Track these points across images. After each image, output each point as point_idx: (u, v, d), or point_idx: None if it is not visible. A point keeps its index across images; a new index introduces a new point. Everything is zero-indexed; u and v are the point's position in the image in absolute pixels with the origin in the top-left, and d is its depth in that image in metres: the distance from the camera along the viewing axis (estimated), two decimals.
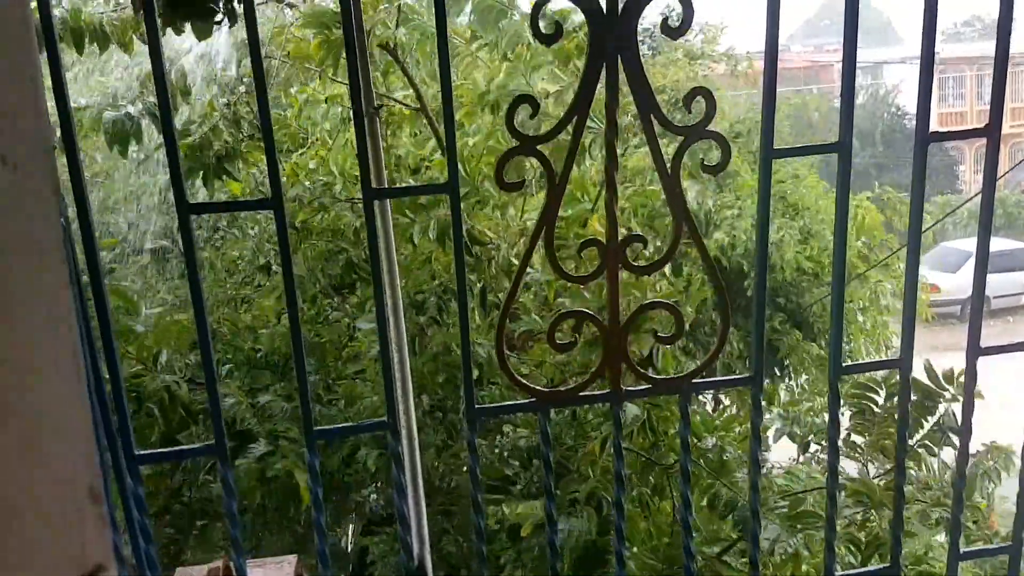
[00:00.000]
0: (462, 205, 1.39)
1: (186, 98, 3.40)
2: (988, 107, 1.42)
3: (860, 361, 5.32)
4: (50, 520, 0.56)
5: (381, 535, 4.17)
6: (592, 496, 3.44)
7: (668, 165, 1.29)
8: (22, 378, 0.55)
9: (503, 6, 3.47)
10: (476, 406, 1.38)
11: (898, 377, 1.50)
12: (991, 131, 1.41)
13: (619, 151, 1.34)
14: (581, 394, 1.43)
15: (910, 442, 3.43)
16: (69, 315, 0.59)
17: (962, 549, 1.61)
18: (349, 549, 4.87)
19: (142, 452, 1.30)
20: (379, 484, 4.42)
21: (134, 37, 2.73)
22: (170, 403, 3.17)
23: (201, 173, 3.47)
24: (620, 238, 1.34)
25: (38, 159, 0.56)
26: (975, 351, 1.50)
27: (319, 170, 4.16)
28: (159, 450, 1.41)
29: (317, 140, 4.49)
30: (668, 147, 1.32)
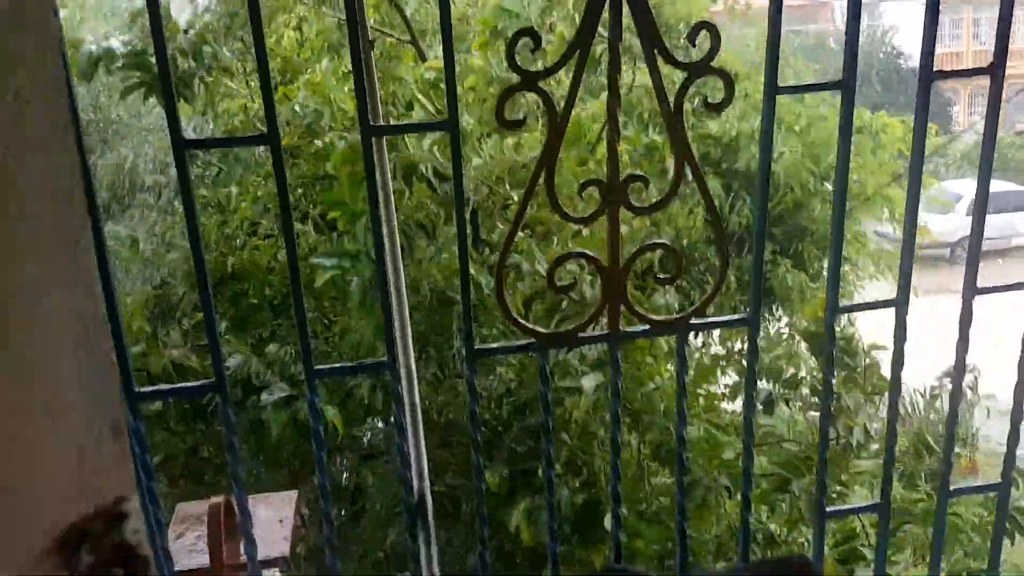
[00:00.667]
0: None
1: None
2: (984, 48, 1.40)
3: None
4: (73, 454, 0.57)
5: (376, 469, 4.24)
6: (571, 462, 3.51)
7: (671, 101, 1.27)
8: (44, 313, 0.55)
9: None
10: (475, 347, 1.39)
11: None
12: (995, 70, 1.39)
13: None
14: (581, 335, 1.44)
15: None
16: (89, 251, 0.59)
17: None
18: (344, 484, 4.96)
19: (142, 389, 1.30)
20: (374, 419, 4.47)
21: None
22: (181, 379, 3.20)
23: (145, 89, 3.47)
24: (621, 177, 1.33)
25: (54, 94, 0.55)
26: (972, 290, 1.51)
27: (309, 101, 4.09)
28: (159, 387, 1.42)
29: (305, 69, 4.41)
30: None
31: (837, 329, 1.66)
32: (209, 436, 4.20)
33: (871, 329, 3.45)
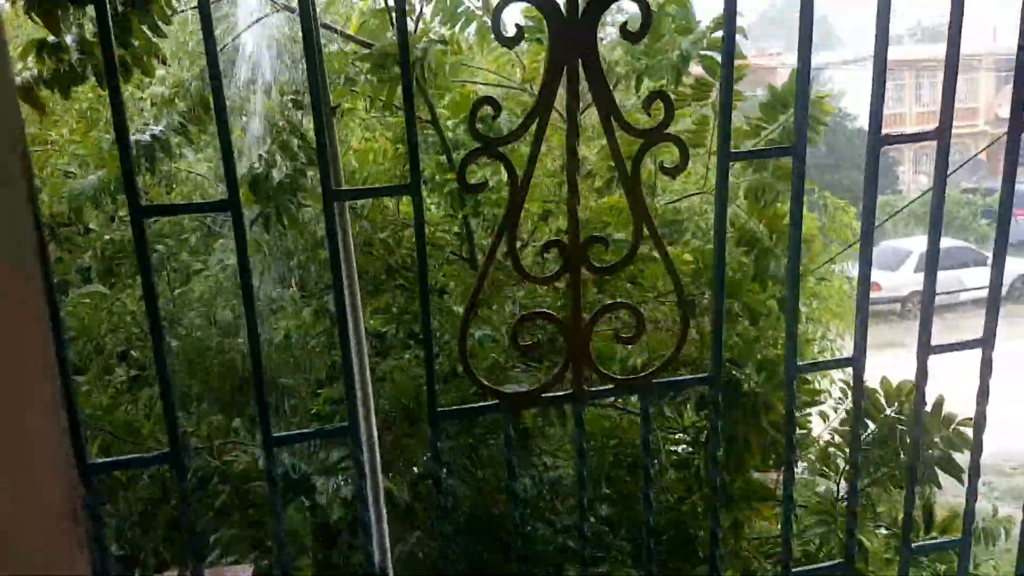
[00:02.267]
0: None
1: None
2: (927, 109, 1.47)
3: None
4: (32, 543, 0.54)
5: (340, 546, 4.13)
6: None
7: (628, 168, 1.30)
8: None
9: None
10: (438, 409, 1.38)
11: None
12: (942, 133, 1.44)
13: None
14: (544, 395, 1.43)
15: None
16: (46, 330, 0.57)
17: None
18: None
19: (94, 462, 1.26)
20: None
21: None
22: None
23: None
24: (582, 239, 1.34)
25: (9, 165, 0.54)
26: (926, 349, 1.54)
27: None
28: (111, 459, 1.37)
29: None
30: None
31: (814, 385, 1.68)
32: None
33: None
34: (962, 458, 3.22)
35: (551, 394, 1.43)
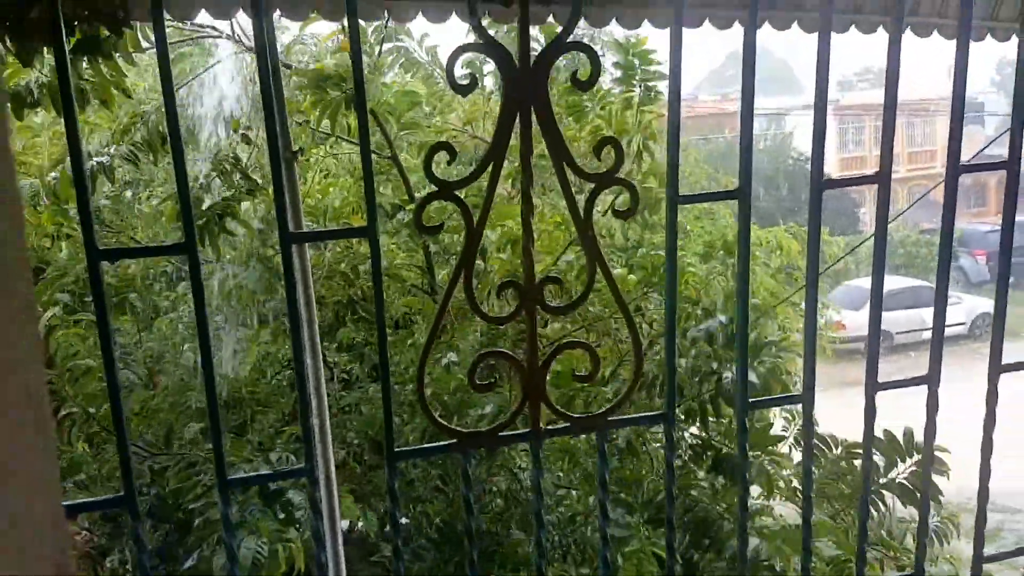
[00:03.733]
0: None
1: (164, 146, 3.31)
2: None
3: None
4: None
5: None
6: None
7: (581, 211, 1.34)
8: None
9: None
10: (396, 449, 1.39)
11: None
12: (882, 177, 1.50)
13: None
14: (501, 434, 1.45)
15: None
16: (37, 375, 0.56)
17: None
18: None
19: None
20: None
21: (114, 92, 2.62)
22: None
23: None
24: (536, 280, 1.37)
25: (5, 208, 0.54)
26: (873, 386, 1.58)
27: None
28: (71, 502, 1.36)
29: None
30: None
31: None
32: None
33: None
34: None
35: (508, 432, 1.45)
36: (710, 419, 3.27)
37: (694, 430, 3.69)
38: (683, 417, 3.22)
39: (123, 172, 3.48)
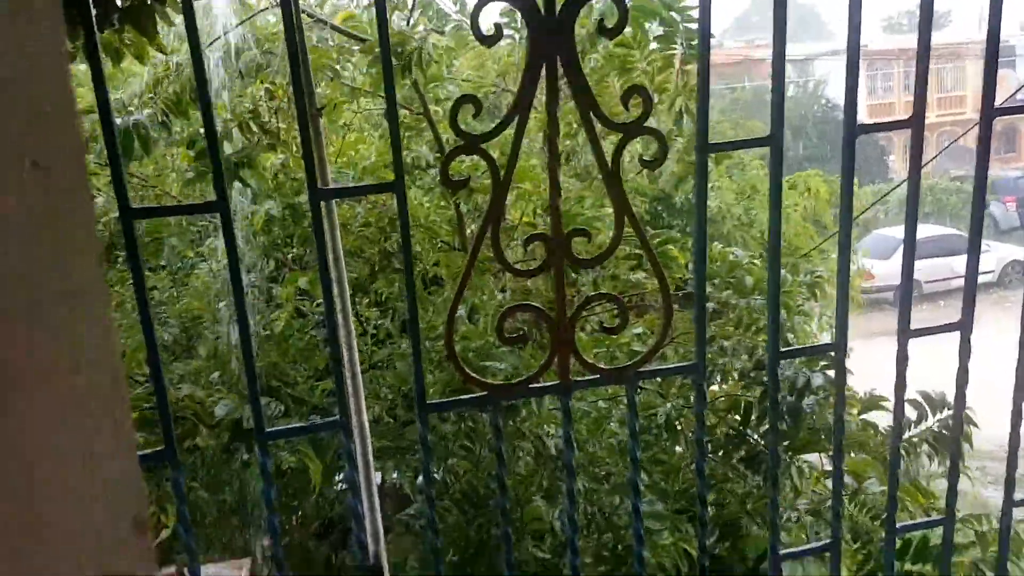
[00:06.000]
0: None
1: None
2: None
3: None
4: (93, 553, 0.55)
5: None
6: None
7: (609, 162, 1.33)
8: (64, 402, 0.54)
9: None
10: (427, 402, 1.40)
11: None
12: (915, 121, 1.47)
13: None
14: (531, 386, 1.46)
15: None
16: (109, 327, 0.57)
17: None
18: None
19: None
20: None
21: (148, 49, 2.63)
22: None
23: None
24: (564, 232, 1.37)
25: (71, 162, 0.55)
26: (906, 332, 1.57)
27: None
28: None
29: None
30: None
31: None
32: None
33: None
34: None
35: (537, 385, 1.46)
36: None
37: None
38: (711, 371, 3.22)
39: (156, 132, 3.50)
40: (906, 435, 3.50)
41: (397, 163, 1.31)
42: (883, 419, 3.98)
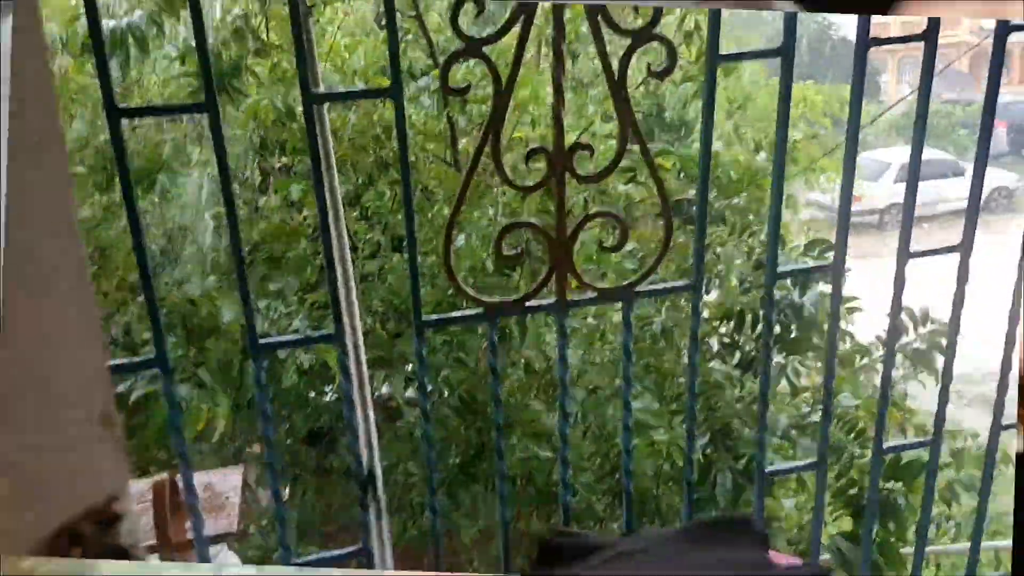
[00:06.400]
0: None
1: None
2: (910, 18, 1.44)
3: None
4: (62, 448, 0.54)
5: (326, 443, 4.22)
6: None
7: (615, 68, 1.28)
8: (32, 298, 0.52)
9: None
10: (423, 318, 1.38)
11: None
12: (929, 35, 1.43)
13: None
14: (528, 304, 1.44)
15: None
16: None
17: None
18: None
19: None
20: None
21: None
22: None
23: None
24: (567, 146, 1.33)
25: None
26: (905, 253, 1.56)
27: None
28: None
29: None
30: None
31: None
32: None
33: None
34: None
35: (534, 303, 1.44)
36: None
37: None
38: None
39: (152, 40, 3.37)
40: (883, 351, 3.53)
41: (394, 68, 1.25)
42: (860, 330, 4.02)
